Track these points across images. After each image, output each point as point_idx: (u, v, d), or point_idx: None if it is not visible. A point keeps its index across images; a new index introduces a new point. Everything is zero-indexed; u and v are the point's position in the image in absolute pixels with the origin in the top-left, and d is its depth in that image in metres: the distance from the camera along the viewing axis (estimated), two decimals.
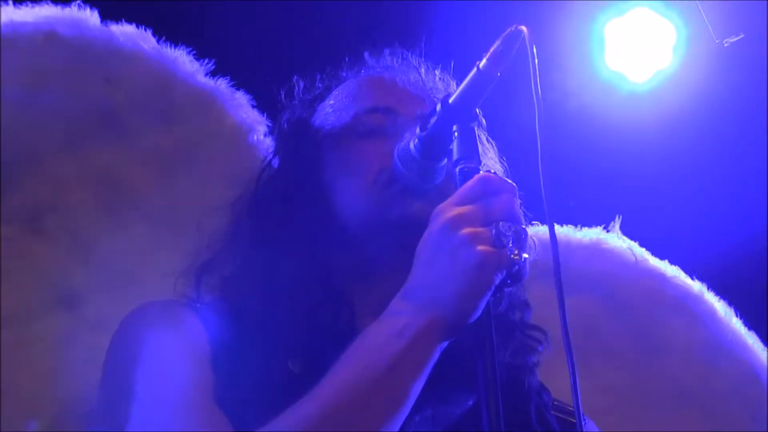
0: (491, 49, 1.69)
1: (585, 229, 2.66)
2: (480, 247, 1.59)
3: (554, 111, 2.35)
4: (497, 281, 1.60)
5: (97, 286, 2.20)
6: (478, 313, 1.61)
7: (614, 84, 3.19)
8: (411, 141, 1.83)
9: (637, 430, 2.50)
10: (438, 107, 1.77)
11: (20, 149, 2.20)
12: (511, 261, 1.60)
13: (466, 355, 1.71)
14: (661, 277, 2.64)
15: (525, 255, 1.62)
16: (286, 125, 2.28)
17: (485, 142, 2.24)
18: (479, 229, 1.61)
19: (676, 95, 3.15)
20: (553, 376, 2.15)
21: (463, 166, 1.73)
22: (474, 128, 1.77)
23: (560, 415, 2.09)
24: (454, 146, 1.75)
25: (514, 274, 1.63)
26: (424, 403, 1.86)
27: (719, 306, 2.63)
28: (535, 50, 1.64)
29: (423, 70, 2.25)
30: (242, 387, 1.84)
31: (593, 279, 2.59)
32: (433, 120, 1.78)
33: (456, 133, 1.76)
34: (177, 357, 1.89)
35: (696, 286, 2.64)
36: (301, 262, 2.03)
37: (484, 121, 2.25)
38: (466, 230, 1.61)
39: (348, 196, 2.05)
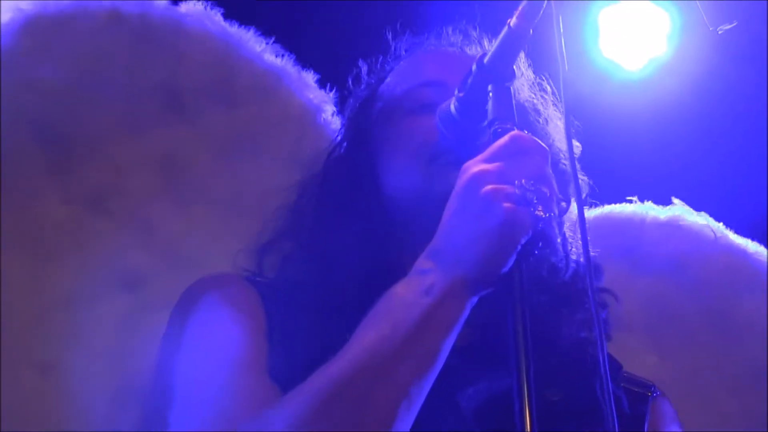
0: (520, 7, 1.69)
1: (663, 207, 2.61)
2: (504, 205, 1.57)
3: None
4: (522, 240, 1.58)
5: (159, 268, 2.20)
6: (505, 269, 1.59)
7: (609, 72, 3.22)
8: (451, 103, 1.83)
9: (718, 415, 2.46)
10: (473, 67, 1.76)
11: (83, 129, 2.20)
12: (536, 218, 1.57)
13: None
14: (743, 253, 2.56)
15: (551, 213, 1.59)
16: (351, 107, 2.32)
17: (550, 105, 2.23)
18: (503, 186, 1.58)
19: (671, 83, 3.20)
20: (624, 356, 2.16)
21: (497, 126, 1.70)
22: (510, 88, 1.75)
23: (629, 387, 2.09)
24: (489, 106, 1.73)
25: (540, 234, 1.60)
26: (479, 375, 1.92)
27: None
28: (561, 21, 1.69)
29: (485, 42, 2.26)
30: (299, 361, 1.84)
31: (669, 257, 2.53)
32: (469, 80, 1.77)
33: (491, 93, 1.74)
34: (230, 326, 1.91)
35: None
36: (358, 238, 2.06)
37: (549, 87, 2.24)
38: (490, 187, 1.58)
39: (396, 172, 2.08)
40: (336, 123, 2.43)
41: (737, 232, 2.62)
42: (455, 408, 1.89)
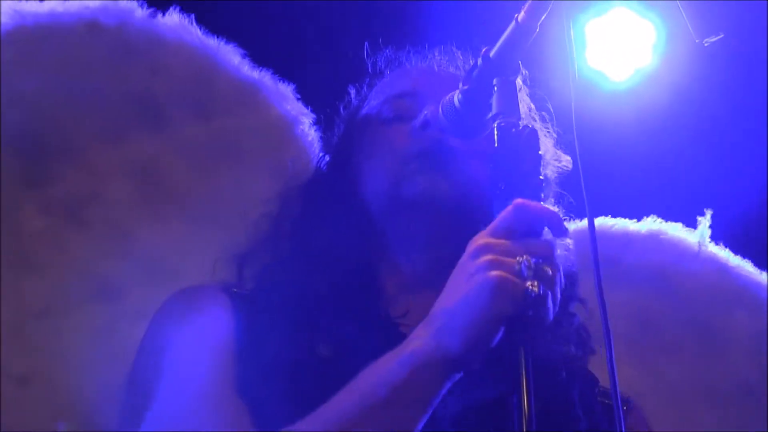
0: (528, 2, 1.71)
1: (645, 220, 2.61)
2: (495, 272, 1.54)
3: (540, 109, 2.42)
4: (509, 312, 1.54)
5: (137, 278, 2.19)
6: (487, 346, 1.57)
7: (595, 82, 3.24)
8: (455, 95, 1.84)
9: (699, 429, 2.44)
10: (479, 60, 1.77)
11: (61, 139, 2.20)
12: (526, 291, 1.53)
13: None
14: (724, 268, 2.56)
15: (548, 292, 1.56)
16: (340, 122, 2.37)
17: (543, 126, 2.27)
18: (502, 258, 1.56)
19: (657, 93, 3.22)
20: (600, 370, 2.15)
21: (500, 120, 1.71)
22: (514, 82, 1.76)
23: (606, 400, 2.09)
24: (493, 100, 1.74)
25: (534, 306, 1.55)
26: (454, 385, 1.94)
27: None
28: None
29: (459, 56, 2.30)
30: (272, 371, 1.88)
31: (650, 271, 2.53)
32: (474, 73, 1.78)
33: (495, 87, 1.74)
34: (199, 346, 1.92)
35: (763, 276, 2.55)
36: (334, 250, 2.08)
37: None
38: (488, 257, 1.56)
39: (370, 180, 2.12)
40: (313, 134, 2.44)
41: (723, 238, 2.64)
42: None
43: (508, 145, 1.69)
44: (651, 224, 2.61)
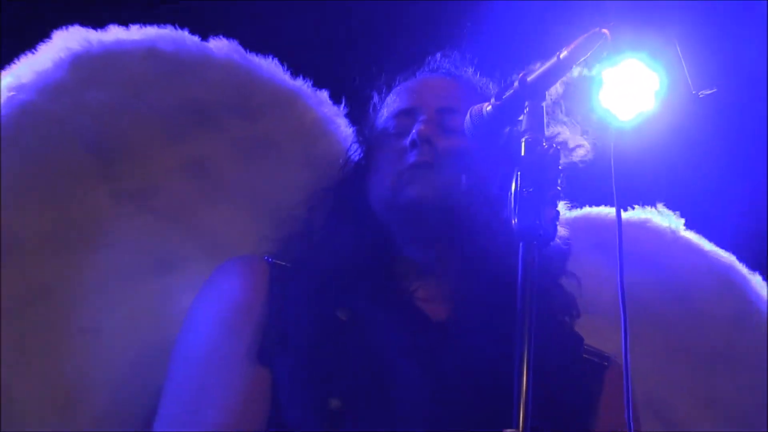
0: (574, 43, 2.02)
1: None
2: None
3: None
4: None
5: (194, 255, 2.64)
6: None
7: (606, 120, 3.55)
8: (485, 106, 2.12)
9: (681, 389, 2.85)
10: (516, 84, 2.04)
11: (128, 143, 2.62)
12: None
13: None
14: (701, 253, 2.95)
15: None
16: (365, 126, 2.77)
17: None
18: None
19: (656, 133, 3.52)
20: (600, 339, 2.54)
21: (528, 136, 1.98)
22: (543, 106, 2.02)
23: (590, 357, 2.51)
24: (524, 119, 2.01)
25: None
26: (452, 348, 2.36)
27: (747, 274, 2.93)
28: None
29: (457, 67, 2.71)
30: (296, 332, 2.32)
31: (639, 256, 2.83)
32: (508, 93, 2.06)
33: (527, 108, 2.02)
34: (215, 320, 2.37)
35: (729, 256, 2.93)
36: (355, 241, 2.53)
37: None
38: None
39: (374, 187, 2.55)
40: (348, 132, 2.87)
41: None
42: (427, 377, 2.29)
43: (534, 157, 1.97)
44: (639, 213, 2.99)
